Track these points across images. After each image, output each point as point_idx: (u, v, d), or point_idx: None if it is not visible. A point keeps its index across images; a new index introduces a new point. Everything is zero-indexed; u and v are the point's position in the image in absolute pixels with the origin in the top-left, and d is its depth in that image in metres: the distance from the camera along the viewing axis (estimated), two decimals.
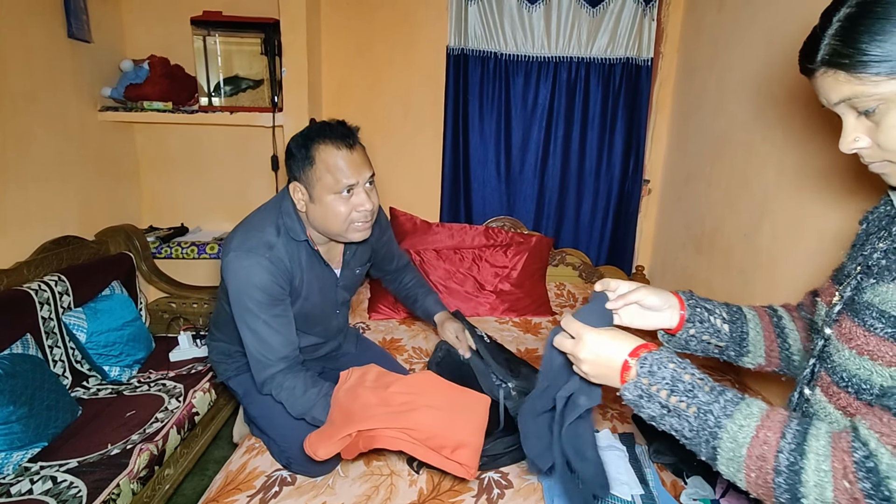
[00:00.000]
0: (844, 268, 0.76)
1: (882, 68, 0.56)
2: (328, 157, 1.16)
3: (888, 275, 0.63)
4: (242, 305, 1.20)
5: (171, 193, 2.68)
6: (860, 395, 0.63)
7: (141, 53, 2.43)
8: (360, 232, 1.25)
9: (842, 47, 0.58)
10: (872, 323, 0.62)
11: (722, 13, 2.13)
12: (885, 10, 0.55)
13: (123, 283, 2.14)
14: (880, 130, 0.60)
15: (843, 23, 0.58)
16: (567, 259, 2.71)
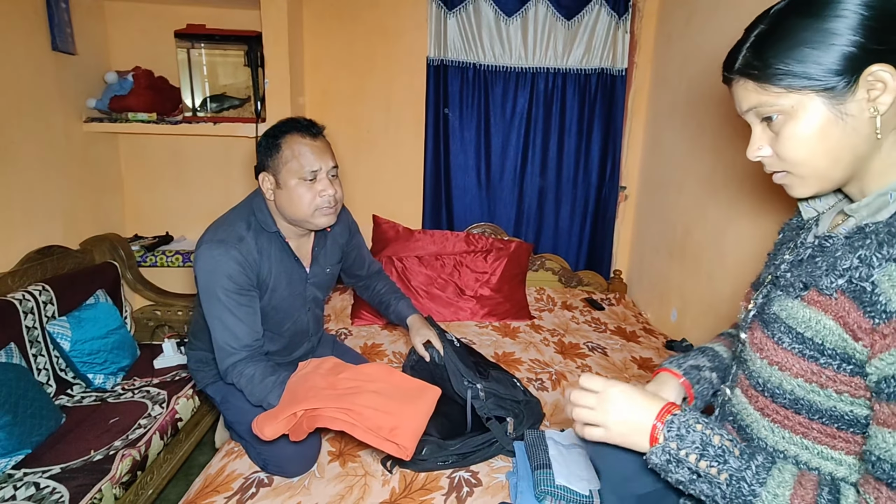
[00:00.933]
0: (760, 275, 0.81)
1: (784, 82, 0.60)
2: (294, 144, 1.25)
3: (792, 290, 0.66)
4: (211, 294, 1.25)
5: (156, 203, 2.71)
6: (775, 399, 0.67)
7: (125, 65, 2.47)
8: (326, 217, 1.31)
9: (753, 59, 0.63)
10: (780, 336, 0.66)
11: (689, 25, 2.21)
12: (793, 30, 0.59)
13: (108, 291, 2.16)
14: (779, 141, 0.64)
15: (756, 38, 0.63)
16: (546, 264, 2.77)
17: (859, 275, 0.59)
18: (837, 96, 0.59)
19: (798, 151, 0.63)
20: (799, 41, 0.59)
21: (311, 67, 2.61)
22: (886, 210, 0.61)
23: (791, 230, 0.81)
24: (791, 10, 0.61)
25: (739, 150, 1.79)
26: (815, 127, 0.60)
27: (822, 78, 0.58)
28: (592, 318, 2.42)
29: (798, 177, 0.66)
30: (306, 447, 1.29)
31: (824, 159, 0.62)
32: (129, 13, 2.50)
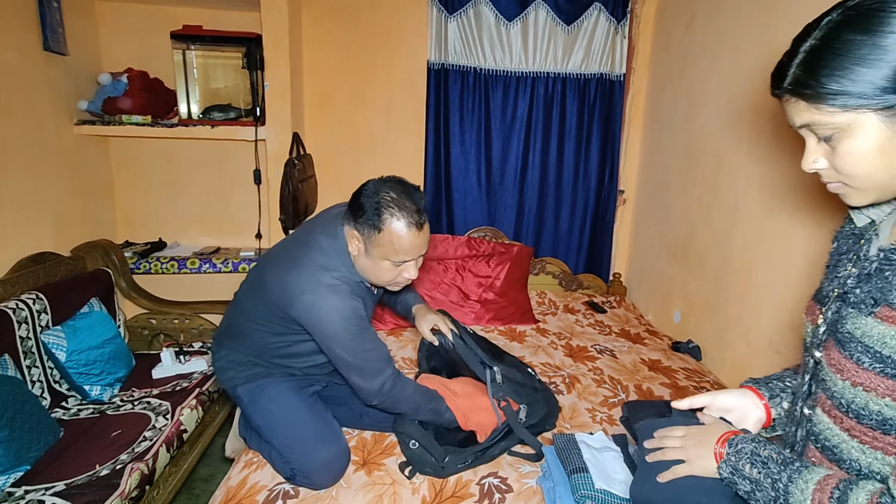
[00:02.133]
0: (823, 288, 0.78)
1: (837, 102, 0.59)
2: (396, 235, 1.17)
3: (864, 307, 0.66)
4: (338, 345, 1.22)
5: (148, 208, 2.64)
6: (861, 420, 0.65)
7: (117, 66, 2.40)
8: (397, 287, 1.34)
9: (804, 78, 0.61)
10: (860, 357, 0.64)
11: (690, 30, 2.25)
12: (845, 47, 0.58)
13: (102, 299, 2.08)
14: (836, 156, 0.64)
15: (807, 55, 0.62)
16: (547, 268, 2.78)
17: None
18: (894, 113, 0.58)
19: (858, 167, 0.63)
20: (852, 59, 0.58)
21: (309, 70, 2.58)
22: None
23: (846, 238, 0.79)
24: (843, 25, 0.59)
25: (744, 154, 1.83)
26: (874, 143, 0.60)
27: (878, 97, 0.58)
28: (596, 321, 2.43)
29: (856, 189, 0.66)
30: (336, 458, 1.25)
31: (884, 173, 0.62)
32: (120, 13, 2.43)
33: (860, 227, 0.76)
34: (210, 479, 2.02)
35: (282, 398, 1.33)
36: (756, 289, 1.78)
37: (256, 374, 1.38)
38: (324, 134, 2.65)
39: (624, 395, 1.75)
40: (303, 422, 1.30)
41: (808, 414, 0.75)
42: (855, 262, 0.73)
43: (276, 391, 1.34)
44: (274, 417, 1.29)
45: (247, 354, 1.38)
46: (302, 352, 1.37)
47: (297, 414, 1.32)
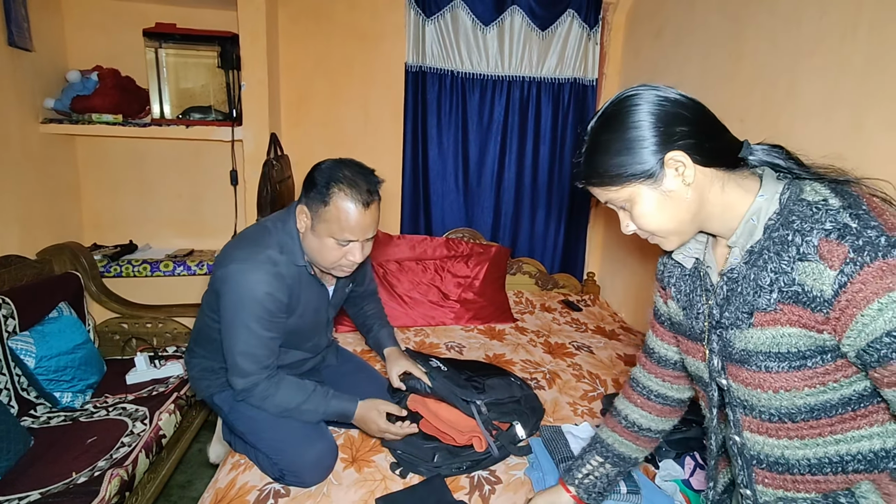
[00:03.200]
0: (690, 328, 0.86)
1: (615, 183, 0.75)
2: (343, 210, 1.17)
3: (742, 323, 0.75)
4: (238, 316, 1.20)
5: (117, 210, 2.56)
6: (794, 419, 0.73)
7: (85, 64, 2.32)
8: (343, 273, 1.30)
9: (589, 172, 0.77)
10: (767, 365, 0.72)
11: (659, 39, 2.35)
12: (606, 145, 0.74)
13: (71, 304, 2.02)
14: (634, 219, 0.78)
15: (586, 156, 0.77)
16: (524, 268, 2.83)
17: (784, 282, 0.68)
18: (656, 181, 0.73)
19: (650, 224, 0.77)
20: (615, 152, 0.73)
21: (286, 70, 2.56)
22: (758, 231, 0.73)
23: (683, 280, 0.89)
24: (601, 128, 0.75)
25: None
26: (652, 205, 0.75)
27: (640, 172, 0.73)
28: (572, 319, 2.49)
29: (662, 237, 0.80)
30: (325, 455, 1.25)
31: (671, 223, 0.76)
32: (88, 9, 2.36)
33: (690, 267, 0.87)
34: (188, 486, 1.98)
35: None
36: None
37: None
38: (301, 135, 2.64)
39: (603, 389, 1.81)
40: (286, 422, 1.29)
41: (740, 442, 0.81)
42: (706, 294, 0.83)
43: None
44: (256, 421, 1.28)
45: (218, 360, 1.37)
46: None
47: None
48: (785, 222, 0.70)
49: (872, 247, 0.61)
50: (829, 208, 0.67)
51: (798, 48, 1.53)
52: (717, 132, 0.76)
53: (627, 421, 1.03)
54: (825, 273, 0.64)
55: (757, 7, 1.71)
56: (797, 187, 0.72)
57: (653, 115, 0.72)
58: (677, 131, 0.72)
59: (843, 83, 1.38)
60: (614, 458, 1.03)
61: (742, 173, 0.77)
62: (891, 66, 1.25)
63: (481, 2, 2.54)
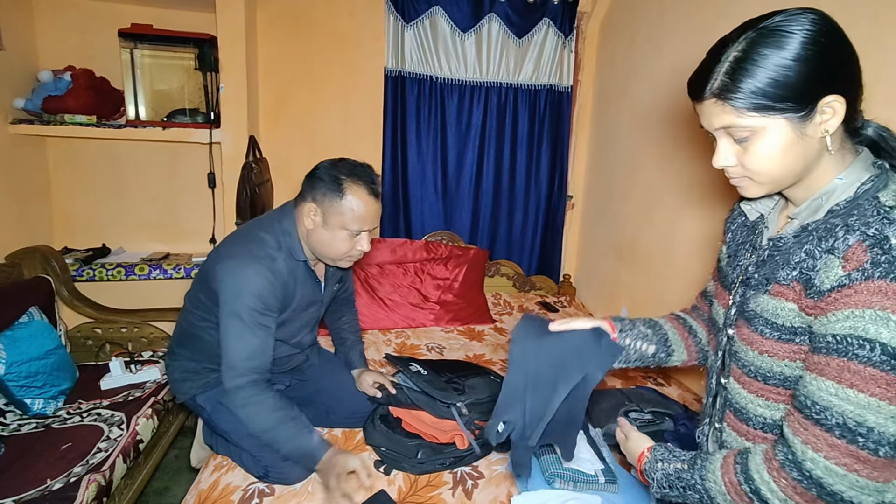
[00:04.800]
0: (727, 275, 0.91)
1: (756, 106, 0.68)
2: (357, 201, 1.25)
3: (761, 287, 0.78)
4: (234, 310, 1.21)
5: (89, 213, 2.51)
6: (767, 381, 0.79)
7: (57, 64, 2.28)
8: (349, 263, 1.38)
9: (730, 84, 0.69)
10: (762, 329, 0.77)
11: (632, 48, 2.43)
12: (764, 61, 0.67)
13: (42, 308, 1.97)
14: (747, 154, 0.73)
15: (731, 63, 0.69)
16: (501, 270, 2.88)
17: (807, 265, 0.71)
18: (801, 120, 0.68)
19: (764, 164, 0.72)
20: (771, 71, 0.66)
21: (265, 74, 2.55)
22: (821, 211, 0.73)
23: (740, 230, 0.91)
24: (760, 39, 0.67)
25: (682, 162, 1.99)
26: (781, 145, 0.70)
27: (792, 105, 0.67)
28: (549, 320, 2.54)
29: (758, 183, 0.76)
30: None
31: (783, 170, 0.72)
32: (60, 8, 2.32)
33: (752, 220, 0.89)
34: (164, 493, 1.95)
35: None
36: (697, 284, 1.94)
37: (215, 381, 1.37)
38: (280, 138, 2.63)
39: None
40: None
41: (725, 383, 0.88)
42: (752, 251, 0.86)
43: None
44: (239, 421, 1.28)
45: (201, 361, 1.37)
46: None
47: None
48: (847, 213, 0.69)
49: (889, 267, 0.62)
50: (888, 218, 0.65)
51: None
52: (862, 89, 0.70)
53: (683, 320, 1.08)
54: (836, 270, 0.67)
55: (723, 18, 1.80)
56: (882, 182, 0.70)
57: (822, 46, 0.65)
58: (842, 71, 0.67)
59: None
60: (660, 334, 1.04)
61: (849, 146, 0.74)
62: None
63: (459, 9, 2.59)
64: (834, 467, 0.65)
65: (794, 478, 0.68)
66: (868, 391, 0.63)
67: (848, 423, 0.64)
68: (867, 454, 0.64)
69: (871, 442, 0.63)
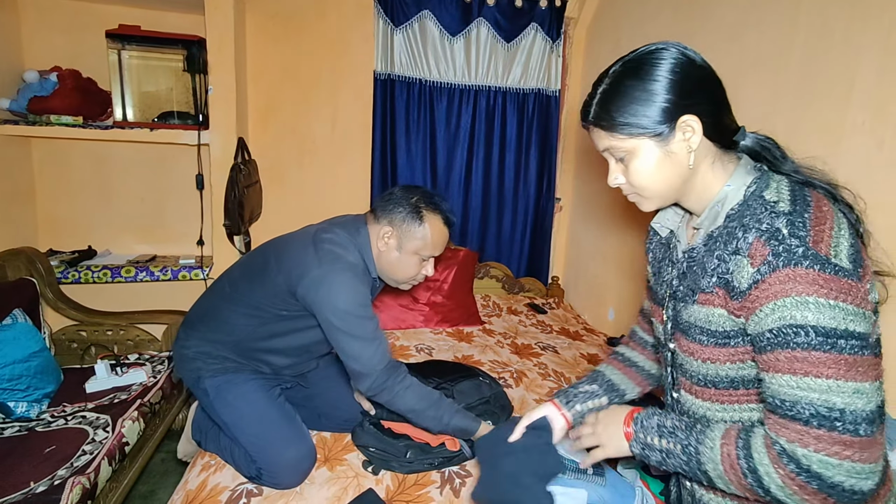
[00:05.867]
0: (657, 292, 0.94)
1: (625, 131, 0.77)
2: (435, 229, 1.32)
3: (688, 298, 0.82)
4: (344, 318, 1.22)
5: (74, 214, 2.48)
6: (717, 386, 0.81)
7: (43, 64, 2.26)
8: (410, 286, 1.42)
9: (601, 112, 0.79)
10: (699, 338, 0.80)
11: (616, 53, 2.45)
12: (626, 91, 0.76)
13: (26, 310, 1.95)
14: (628, 172, 0.81)
15: (601, 95, 0.79)
16: (491, 272, 2.89)
17: (721, 270, 0.76)
18: (663, 139, 0.76)
19: (642, 181, 0.80)
20: (631, 99, 0.76)
21: (254, 76, 2.55)
22: (720, 217, 0.79)
23: (658, 248, 0.97)
24: (623, 73, 0.77)
25: None
26: (653, 162, 0.78)
27: (651, 127, 0.75)
28: (538, 321, 2.56)
29: (645, 197, 0.83)
30: (304, 457, 1.26)
31: (661, 184, 0.80)
32: (46, 9, 2.30)
33: (664, 237, 0.94)
34: (150, 496, 1.93)
35: (252, 395, 1.32)
36: None
37: (226, 369, 1.36)
38: (268, 140, 2.63)
39: None
40: (272, 420, 1.30)
41: (677, 397, 0.91)
42: (672, 266, 0.90)
43: (247, 388, 1.33)
44: (242, 415, 1.28)
45: (220, 347, 1.35)
46: (281, 348, 1.37)
47: (266, 412, 1.32)
48: (741, 215, 0.76)
49: (788, 255, 0.68)
50: (774, 211, 0.72)
51: (741, 63, 1.65)
52: (727, 107, 0.79)
53: (623, 357, 1.12)
54: (747, 269, 0.72)
55: (704, 25, 1.84)
56: (764, 182, 0.77)
57: (676, 74, 0.74)
58: (695, 95, 0.75)
59: (781, 94, 1.50)
60: (604, 384, 1.08)
61: (730, 156, 0.81)
62: (821, 79, 1.37)
63: (448, 13, 2.61)
64: (827, 459, 0.66)
65: (792, 470, 0.68)
66: (823, 374, 0.66)
67: (820, 411, 0.66)
68: (849, 437, 0.65)
69: (847, 423, 0.65)
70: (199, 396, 1.40)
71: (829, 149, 1.34)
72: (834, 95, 1.34)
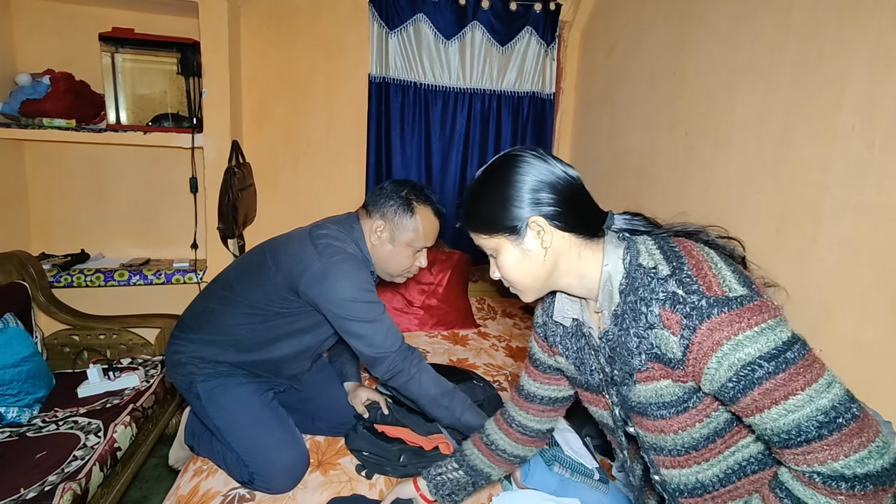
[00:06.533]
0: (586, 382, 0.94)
1: (484, 232, 0.84)
2: (426, 219, 1.34)
3: (629, 381, 0.82)
4: (352, 307, 1.24)
5: (67, 218, 2.47)
6: (696, 448, 0.81)
7: (36, 67, 2.25)
8: (403, 279, 1.45)
9: (467, 218, 0.87)
10: (660, 413, 0.81)
11: (612, 57, 2.48)
12: (480, 199, 0.84)
13: (18, 315, 1.93)
14: (498, 267, 0.87)
15: (465, 205, 0.87)
16: (485, 275, 2.89)
17: (646, 346, 0.77)
18: (517, 238, 0.81)
19: (508, 275, 0.86)
20: (486, 202, 0.83)
21: (248, 79, 2.55)
22: (614, 295, 0.80)
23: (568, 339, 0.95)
24: (483, 179, 0.85)
25: (661, 170, 2.03)
26: (513, 259, 0.83)
27: (504, 228, 0.81)
28: (532, 324, 2.56)
29: (519, 290, 0.88)
30: (297, 463, 1.26)
31: (526, 278, 0.84)
32: (39, 12, 2.30)
33: (569, 326, 0.94)
34: (143, 502, 1.92)
35: (244, 399, 1.31)
36: None
37: (219, 373, 1.35)
38: (262, 143, 2.63)
39: None
40: (265, 425, 1.29)
41: (660, 480, 0.89)
42: (595, 353, 0.90)
43: (239, 392, 1.32)
44: (235, 419, 1.27)
45: (216, 351, 1.34)
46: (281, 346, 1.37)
47: (259, 416, 1.31)
48: (632, 288, 0.78)
49: (698, 311, 0.70)
50: (659, 277, 0.75)
51: (734, 67, 1.66)
52: (583, 206, 0.83)
53: (488, 440, 1.13)
54: (671, 339, 0.73)
55: (697, 30, 1.85)
56: (634, 249, 0.80)
57: (529, 179, 0.80)
58: (546, 199, 0.80)
59: (773, 98, 1.51)
60: (467, 468, 1.12)
61: (601, 242, 0.84)
62: (813, 83, 1.38)
63: (443, 16, 2.62)
64: (858, 455, 0.65)
65: (845, 488, 0.66)
66: (799, 388, 0.67)
67: (821, 420, 0.66)
68: (854, 424, 0.66)
69: (844, 414, 0.66)
70: (191, 401, 1.39)
71: (820, 152, 1.34)
72: (825, 99, 1.35)
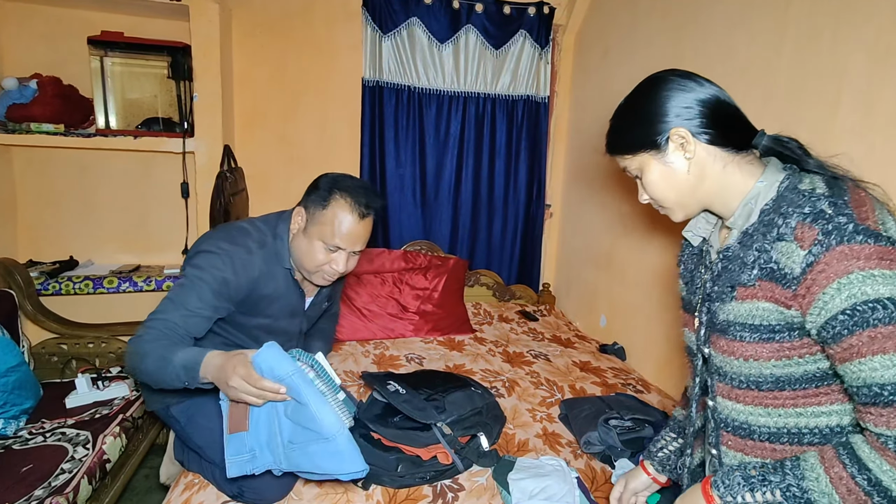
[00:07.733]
0: (689, 301, 0.94)
1: (627, 150, 0.86)
2: (339, 214, 1.22)
3: (726, 296, 0.80)
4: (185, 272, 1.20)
5: (55, 224, 2.42)
6: (760, 387, 0.78)
7: (22, 71, 2.21)
8: (323, 281, 1.32)
9: (611, 141, 0.88)
10: (741, 335, 0.78)
11: (605, 60, 2.47)
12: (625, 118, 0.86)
13: (4, 324, 1.89)
14: (644, 186, 0.87)
15: (610, 125, 0.89)
16: (481, 280, 2.87)
17: (763, 260, 0.74)
18: (660, 153, 0.83)
19: (656, 193, 0.86)
20: (628, 123, 0.86)
21: (240, 83, 2.52)
22: (753, 214, 0.79)
23: (690, 259, 0.97)
24: (627, 101, 0.87)
25: None
26: (657, 174, 0.84)
27: (646, 144, 0.83)
28: (529, 329, 2.54)
29: (669, 208, 0.88)
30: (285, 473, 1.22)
31: (672, 194, 0.85)
32: (25, 15, 2.26)
33: (696, 245, 0.95)
34: None
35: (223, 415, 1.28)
36: (675, 293, 1.96)
37: (192, 393, 1.32)
38: (254, 148, 2.60)
39: (560, 395, 1.85)
40: None
41: (713, 405, 0.87)
42: (706, 270, 0.90)
43: (217, 409, 1.28)
44: (215, 437, 1.23)
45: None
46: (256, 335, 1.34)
47: None
48: (776, 207, 0.76)
49: (840, 231, 0.67)
50: (813, 195, 0.72)
51: (730, 67, 1.66)
52: (729, 117, 0.83)
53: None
54: (796, 252, 0.70)
55: (694, 32, 1.84)
56: (797, 178, 0.78)
57: (669, 94, 0.81)
58: (688, 110, 0.80)
59: (771, 99, 1.50)
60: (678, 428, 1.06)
61: (748, 158, 0.83)
62: (811, 84, 1.37)
63: (437, 20, 2.61)
64: None
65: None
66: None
67: None
68: None
69: None
70: (171, 425, 1.37)
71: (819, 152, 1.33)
72: (823, 100, 1.34)
